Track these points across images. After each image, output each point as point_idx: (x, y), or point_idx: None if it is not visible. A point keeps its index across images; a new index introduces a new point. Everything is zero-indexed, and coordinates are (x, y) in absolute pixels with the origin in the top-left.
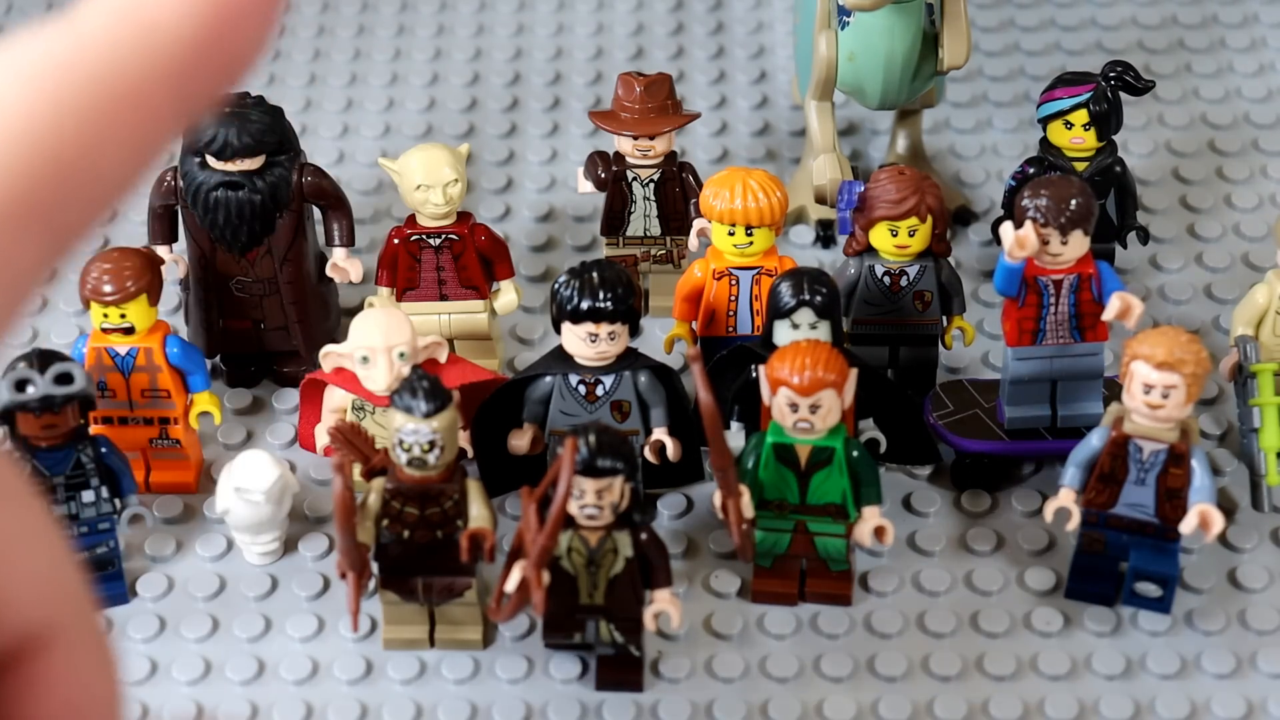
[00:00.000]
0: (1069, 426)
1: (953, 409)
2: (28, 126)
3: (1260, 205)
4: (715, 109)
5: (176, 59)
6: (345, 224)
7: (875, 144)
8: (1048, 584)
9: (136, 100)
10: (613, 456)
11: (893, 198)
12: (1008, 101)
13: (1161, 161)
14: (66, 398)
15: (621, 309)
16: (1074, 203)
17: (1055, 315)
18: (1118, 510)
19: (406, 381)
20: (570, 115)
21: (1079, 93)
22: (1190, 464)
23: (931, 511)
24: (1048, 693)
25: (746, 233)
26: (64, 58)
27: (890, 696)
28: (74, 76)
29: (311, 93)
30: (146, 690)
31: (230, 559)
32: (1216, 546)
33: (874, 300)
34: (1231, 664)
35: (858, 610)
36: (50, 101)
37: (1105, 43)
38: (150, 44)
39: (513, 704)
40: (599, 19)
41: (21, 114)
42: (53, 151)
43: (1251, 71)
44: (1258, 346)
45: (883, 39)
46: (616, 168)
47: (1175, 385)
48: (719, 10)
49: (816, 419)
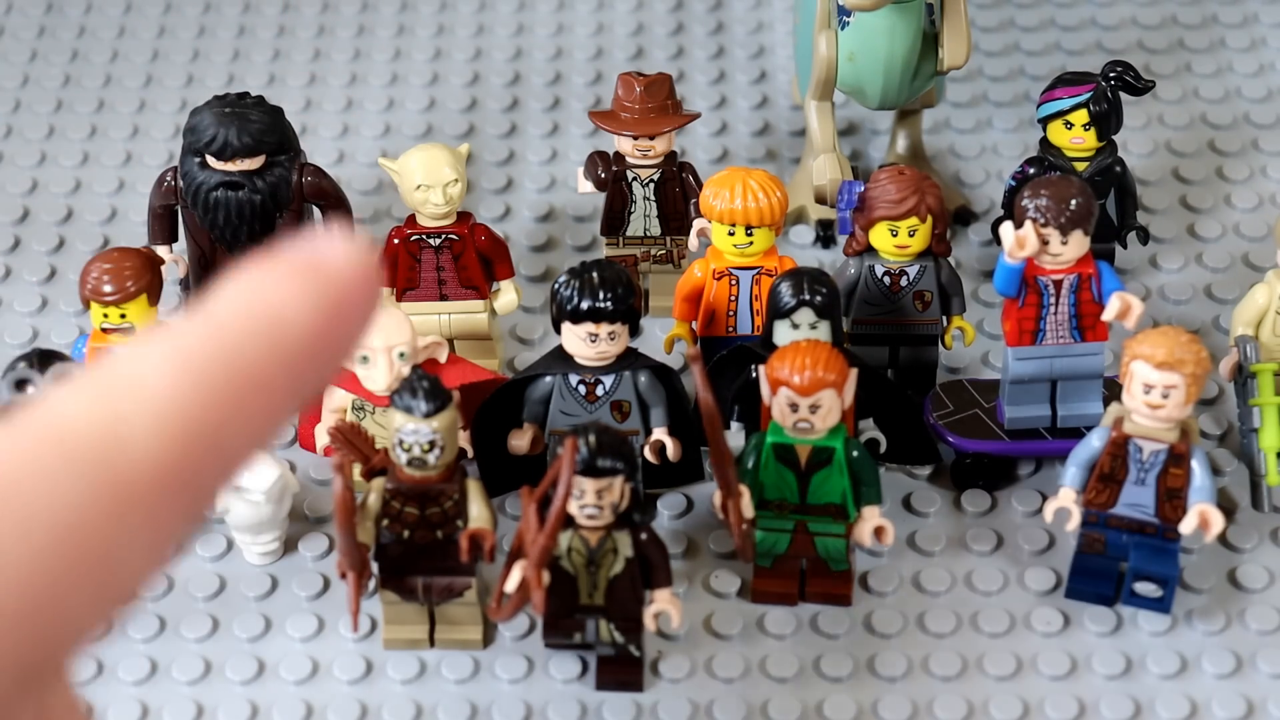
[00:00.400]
0: (1069, 426)
1: (953, 409)
2: (177, 404)
3: (1260, 205)
4: (715, 109)
5: (297, 346)
6: (345, 224)
7: (875, 144)
8: (1048, 584)
9: (261, 384)
10: (613, 456)
11: (893, 198)
12: (1008, 101)
13: (1161, 161)
14: None
15: (621, 309)
16: (1074, 203)
17: (1055, 315)
18: (1118, 510)
19: (406, 381)
20: (570, 115)
21: (1079, 93)
22: (1190, 464)
23: (931, 511)
24: (1048, 693)
25: (746, 233)
26: (203, 344)
27: (890, 696)
28: (212, 361)
29: (311, 93)
30: (146, 690)
31: (230, 559)
32: (1216, 546)
33: (874, 300)
34: (1231, 664)
35: (858, 610)
36: (194, 383)
37: (1105, 43)
38: (276, 333)
39: (513, 704)
40: (599, 19)
41: (171, 391)
42: (196, 426)
43: (1251, 71)
44: (1258, 346)
45: (883, 39)
46: (616, 168)
47: (1175, 385)
48: (719, 10)
49: (816, 419)
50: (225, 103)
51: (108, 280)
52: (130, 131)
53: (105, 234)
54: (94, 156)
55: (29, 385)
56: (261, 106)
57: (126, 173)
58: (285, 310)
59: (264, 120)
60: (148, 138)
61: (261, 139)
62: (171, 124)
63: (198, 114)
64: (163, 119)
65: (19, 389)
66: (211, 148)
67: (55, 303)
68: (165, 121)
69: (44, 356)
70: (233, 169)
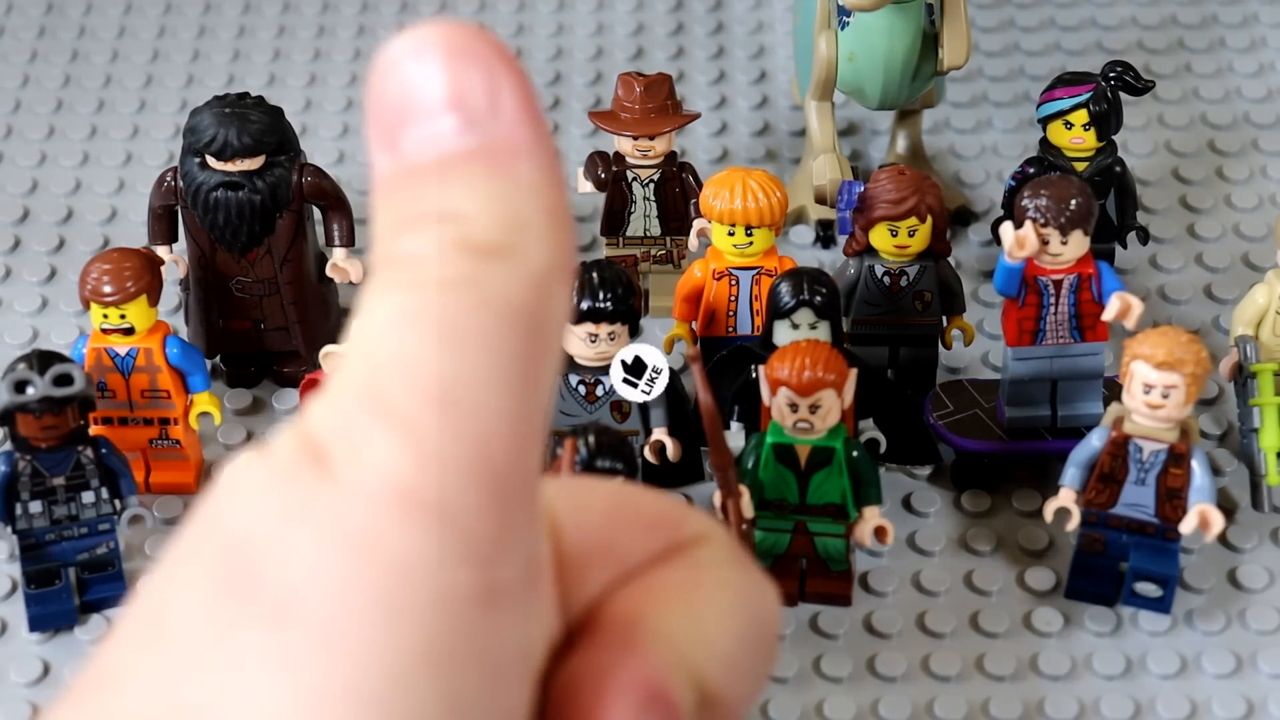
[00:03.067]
0: (1069, 426)
1: (953, 409)
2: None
3: (1260, 205)
4: (715, 109)
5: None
6: (345, 224)
7: (875, 144)
8: (1048, 584)
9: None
10: (612, 457)
11: (893, 198)
12: (1008, 101)
13: (1161, 161)
14: (66, 399)
15: (621, 309)
16: (1074, 203)
17: (1055, 315)
18: (1118, 510)
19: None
20: (570, 115)
21: (1079, 93)
22: (1190, 464)
23: (931, 511)
24: (1048, 693)
25: (746, 233)
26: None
27: (890, 696)
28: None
29: (311, 93)
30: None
31: None
32: (1216, 546)
33: (874, 300)
34: (1231, 664)
35: (858, 610)
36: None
37: (1105, 43)
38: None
39: None
40: (599, 19)
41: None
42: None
43: (1251, 71)
44: (1258, 346)
45: (883, 39)
46: (616, 168)
47: (1175, 385)
48: (719, 10)
49: (816, 419)
50: (225, 103)
51: (108, 281)
52: (130, 131)
53: (105, 234)
54: (94, 156)
55: (29, 386)
56: (261, 107)
57: (126, 173)
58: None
59: (264, 120)
60: (148, 138)
61: (261, 139)
62: (171, 124)
63: (198, 114)
64: (163, 119)
65: (19, 390)
66: (211, 148)
67: (55, 303)
68: (165, 121)
69: (44, 357)
70: (233, 169)
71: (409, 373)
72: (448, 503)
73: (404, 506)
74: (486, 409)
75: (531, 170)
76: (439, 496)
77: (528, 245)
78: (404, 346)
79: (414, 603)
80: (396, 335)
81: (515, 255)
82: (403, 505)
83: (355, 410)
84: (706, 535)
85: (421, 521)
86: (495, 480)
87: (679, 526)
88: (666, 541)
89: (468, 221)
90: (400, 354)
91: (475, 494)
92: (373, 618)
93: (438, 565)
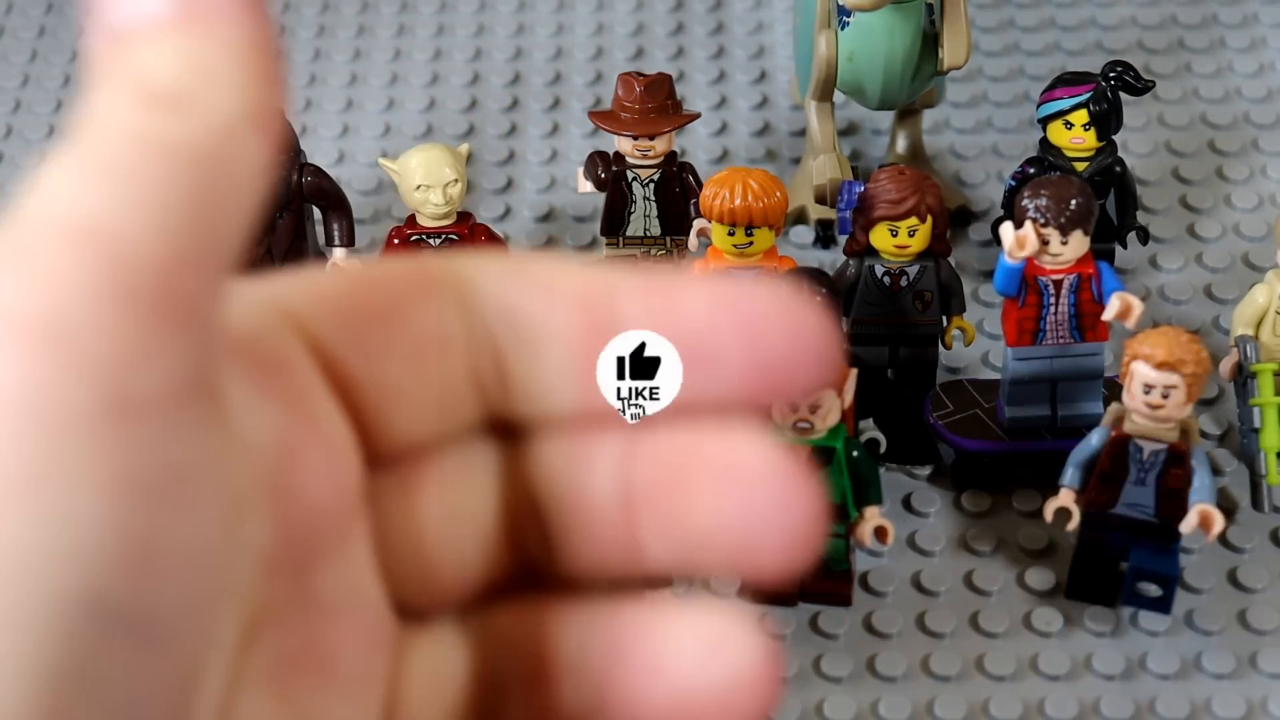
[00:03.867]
0: (1069, 426)
1: (953, 409)
2: None
3: (1260, 205)
4: (715, 109)
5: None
6: (345, 224)
7: (875, 144)
8: (1048, 584)
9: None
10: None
11: (893, 198)
12: (1008, 101)
13: (1161, 161)
14: None
15: None
16: (1074, 203)
17: (1055, 315)
18: (1118, 510)
19: None
20: (570, 115)
21: (1079, 93)
22: (1190, 464)
23: (931, 511)
24: (1048, 693)
25: (746, 233)
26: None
27: (890, 696)
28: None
29: (311, 93)
30: None
31: None
32: (1216, 546)
33: (874, 300)
34: (1231, 664)
35: (858, 610)
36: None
37: (1105, 43)
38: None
39: None
40: (599, 19)
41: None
42: None
43: (1251, 71)
44: (1258, 346)
45: (883, 39)
46: (616, 168)
47: (1175, 385)
48: (719, 10)
49: (816, 419)
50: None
51: None
52: None
53: None
54: None
55: None
56: None
57: None
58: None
59: None
60: None
61: None
62: None
63: None
64: None
65: None
66: None
67: None
68: None
69: None
70: None
71: (56, 214)
72: (66, 323)
73: (15, 332)
74: (129, 237)
75: (230, 29)
76: (55, 318)
77: (210, 95)
78: (59, 192)
79: (11, 425)
80: (58, 184)
81: (196, 105)
82: (14, 332)
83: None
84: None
85: (31, 343)
86: (132, 300)
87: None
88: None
89: (152, 78)
90: (53, 198)
91: (103, 314)
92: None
93: (48, 385)
